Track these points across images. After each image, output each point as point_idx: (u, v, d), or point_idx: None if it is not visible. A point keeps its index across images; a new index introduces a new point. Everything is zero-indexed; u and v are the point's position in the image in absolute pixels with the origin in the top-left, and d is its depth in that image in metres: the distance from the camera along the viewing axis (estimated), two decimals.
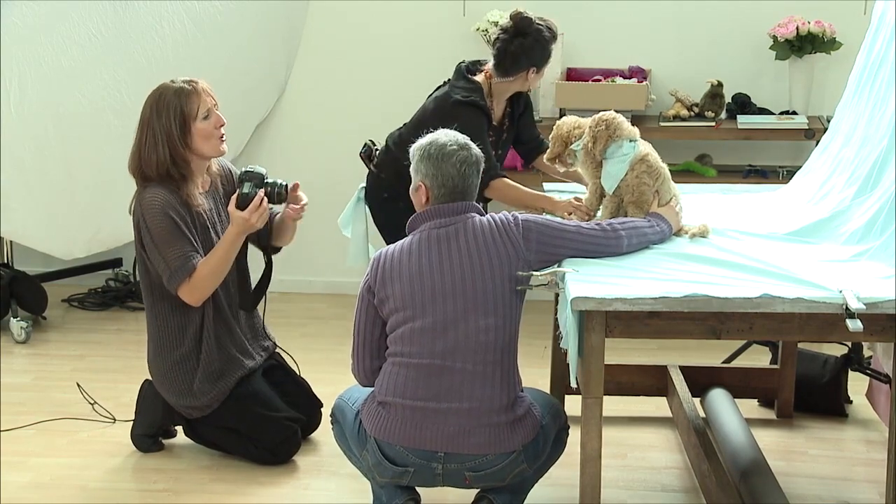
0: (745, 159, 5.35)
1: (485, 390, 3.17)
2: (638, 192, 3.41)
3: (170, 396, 3.88)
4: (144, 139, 3.73)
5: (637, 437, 4.10)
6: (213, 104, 3.78)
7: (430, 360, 3.18)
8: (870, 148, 3.51)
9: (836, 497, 3.69)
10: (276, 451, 3.88)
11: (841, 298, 2.90)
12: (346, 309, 5.51)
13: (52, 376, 4.71)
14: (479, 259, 3.18)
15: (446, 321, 3.17)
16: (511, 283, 3.18)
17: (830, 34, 5.15)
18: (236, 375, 3.86)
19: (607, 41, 5.42)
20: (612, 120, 3.45)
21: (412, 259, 3.21)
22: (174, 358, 3.84)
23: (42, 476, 3.84)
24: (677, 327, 3.01)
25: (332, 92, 5.65)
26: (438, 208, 3.25)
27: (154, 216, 3.69)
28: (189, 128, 3.72)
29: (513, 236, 3.20)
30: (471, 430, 3.15)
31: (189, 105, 3.71)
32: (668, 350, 4.76)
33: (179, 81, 3.76)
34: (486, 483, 3.25)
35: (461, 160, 3.26)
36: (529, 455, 3.25)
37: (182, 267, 3.69)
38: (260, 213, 3.70)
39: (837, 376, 4.25)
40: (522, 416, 3.22)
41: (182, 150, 3.72)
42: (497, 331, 3.18)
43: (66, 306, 5.55)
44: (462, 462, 3.18)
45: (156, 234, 3.69)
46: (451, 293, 3.17)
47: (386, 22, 5.52)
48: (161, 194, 3.72)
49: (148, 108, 3.75)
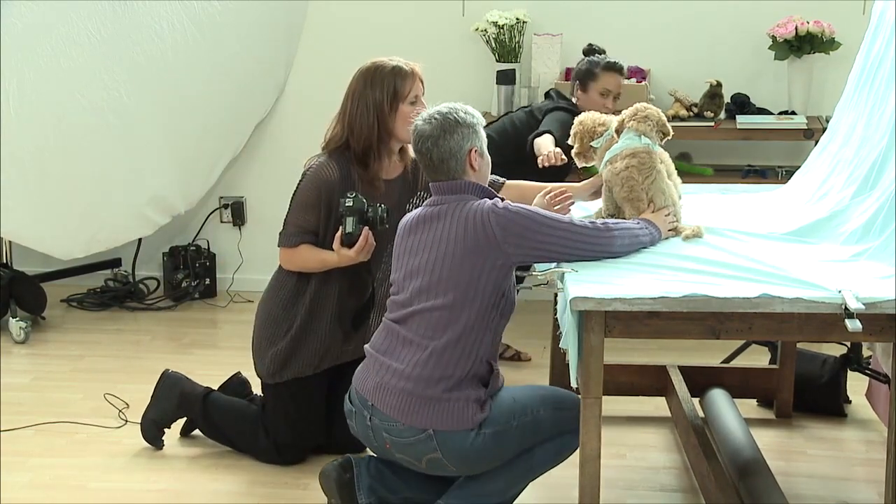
0: (744, 159, 5.35)
1: (416, 357, 3.17)
2: (627, 186, 3.41)
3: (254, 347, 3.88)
4: (356, 108, 3.74)
5: (636, 436, 4.10)
6: (422, 91, 3.78)
7: (392, 323, 3.27)
8: (869, 148, 3.51)
9: (836, 497, 3.69)
10: (281, 451, 3.88)
11: (840, 298, 2.90)
12: None
13: (51, 376, 4.71)
14: (454, 245, 3.15)
15: (410, 297, 3.22)
16: (484, 273, 3.14)
17: (829, 34, 5.15)
18: (303, 370, 3.83)
19: (607, 41, 5.40)
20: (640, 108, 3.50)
21: (405, 237, 3.29)
22: (278, 318, 3.84)
23: (41, 476, 3.84)
24: (676, 327, 3.01)
25: (331, 92, 5.60)
26: (434, 186, 3.28)
27: (309, 181, 3.76)
28: (396, 107, 3.73)
29: (488, 228, 3.13)
30: (390, 388, 3.18)
31: (402, 85, 3.73)
32: (668, 350, 4.76)
33: (396, 60, 3.77)
34: (403, 456, 3.20)
35: (417, 133, 3.25)
36: (449, 450, 3.15)
37: (292, 236, 3.79)
38: (367, 249, 3.71)
39: (836, 376, 4.25)
40: (444, 399, 3.14)
41: (388, 125, 3.73)
42: (449, 312, 3.14)
43: (65, 306, 5.56)
44: (382, 420, 3.19)
45: (298, 196, 3.79)
46: (420, 271, 3.20)
47: (385, 22, 5.52)
48: (331, 170, 3.74)
49: (361, 80, 3.77)
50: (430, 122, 3.23)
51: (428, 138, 3.22)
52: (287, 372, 3.84)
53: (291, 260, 3.82)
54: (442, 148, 3.22)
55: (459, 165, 3.24)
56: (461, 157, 3.23)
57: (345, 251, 3.70)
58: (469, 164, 3.24)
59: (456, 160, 3.23)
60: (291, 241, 3.80)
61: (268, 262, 4.47)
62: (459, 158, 3.23)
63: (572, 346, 3.02)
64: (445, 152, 3.22)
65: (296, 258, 3.81)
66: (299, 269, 3.82)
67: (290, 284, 3.85)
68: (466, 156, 3.24)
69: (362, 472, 3.33)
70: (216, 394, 4.02)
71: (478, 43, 5.29)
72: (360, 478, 3.32)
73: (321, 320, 3.83)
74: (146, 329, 5.32)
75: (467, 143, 3.23)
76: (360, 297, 3.92)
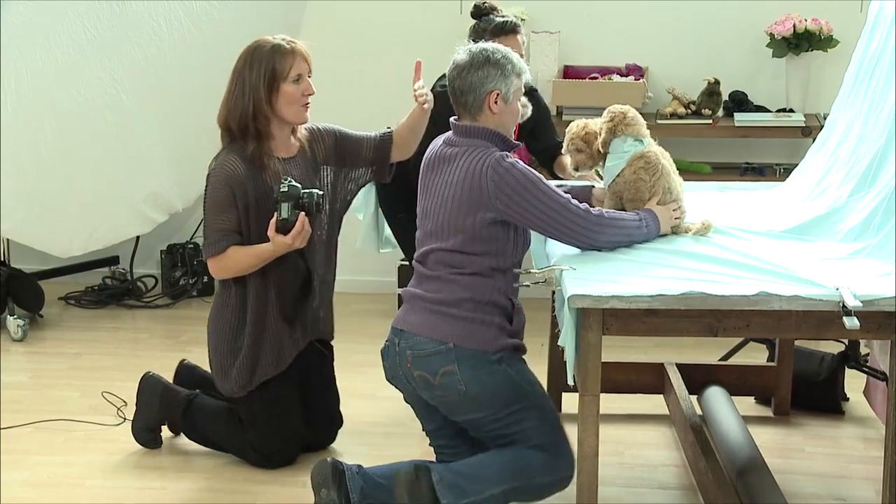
0: (742, 157, 5.35)
1: (437, 286, 3.28)
2: (634, 188, 3.40)
3: (213, 368, 3.86)
4: (233, 89, 3.70)
5: (634, 434, 4.10)
6: (308, 70, 3.73)
7: (416, 263, 3.38)
8: (867, 145, 3.51)
9: (833, 494, 3.69)
10: (270, 458, 3.87)
11: (838, 296, 2.90)
12: (343, 307, 5.51)
13: (49, 374, 4.71)
14: (456, 191, 3.23)
15: (425, 236, 3.34)
16: (484, 225, 3.20)
17: (827, 32, 5.15)
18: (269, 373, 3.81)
19: (604, 39, 5.43)
20: (618, 113, 3.44)
21: (425, 172, 3.36)
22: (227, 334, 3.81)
23: (39, 474, 3.84)
24: (674, 325, 3.01)
25: (328, 90, 5.61)
26: (454, 124, 3.32)
27: (216, 182, 3.71)
28: (277, 87, 3.68)
29: (483, 181, 3.18)
30: (416, 310, 3.29)
31: (282, 64, 3.67)
32: (665, 348, 4.76)
33: (279, 38, 3.72)
34: (421, 369, 3.24)
35: (452, 61, 3.29)
36: (466, 366, 3.20)
37: (216, 242, 3.71)
38: (304, 236, 3.66)
39: (834, 374, 4.25)
40: (468, 319, 3.22)
41: (265, 108, 3.68)
42: (460, 255, 3.24)
43: (62, 304, 5.55)
44: (407, 340, 3.28)
45: (209, 200, 3.73)
46: (431, 213, 3.31)
47: (382, 19, 5.52)
48: (232, 163, 3.69)
49: (241, 60, 3.71)
50: (467, 52, 3.28)
51: (456, 68, 3.27)
52: (255, 379, 3.81)
53: (223, 267, 3.72)
54: (465, 80, 3.25)
55: (477, 103, 3.25)
56: (481, 94, 3.24)
57: (280, 238, 3.63)
58: (488, 105, 3.25)
59: (475, 96, 3.24)
60: (218, 248, 3.70)
61: None
62: (479, 95, 3.24)
63: (570, 343, 3.02)
64: (467, 85, 3.25)
65: (227, 263, 3.71)
66: (234, 273, 3.73)
67: (232, 302, 3.79)
68: (486, 95, 3.24)
69: (354, 475, 3.32)
70: (199, 399, 3.96)
71: None
72: (352, 479, 3.30)
73: (269, 320, 3.79)
74: (144, 327, 5.32)
75: (491, 83, 3.24)
76: (298, 287, 3.86)
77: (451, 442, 3.42)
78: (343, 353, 5.01)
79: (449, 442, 3.42)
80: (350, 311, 5.47)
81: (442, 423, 3.40)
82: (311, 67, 3.75)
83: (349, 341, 5.08)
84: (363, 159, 3.94)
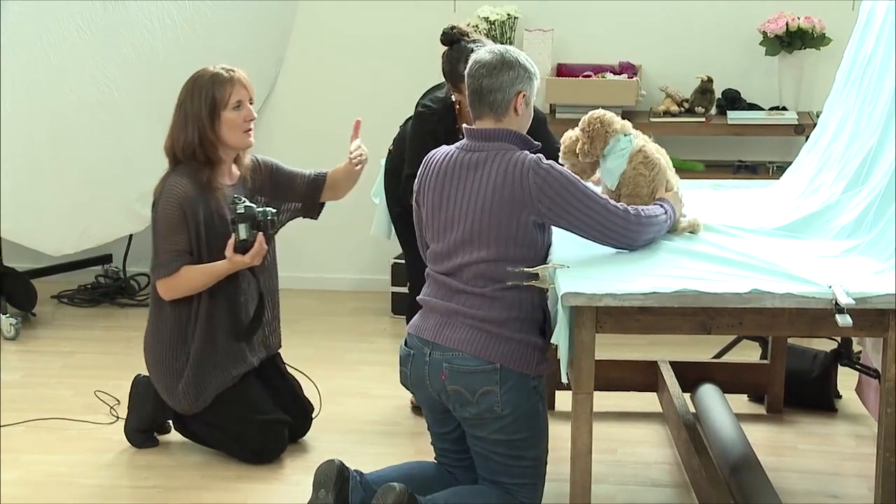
0: (735, 155, 5.36)
1: (477, 301, 3.21)
2: (633, 183, 3.40)
3: (158, 388, 3.89)
4: (178, 119, 3.79)
5: (627, 432, 4.11)
6: (248, 97, 3.81)
7: (440, 275, 3.28)
8: (859, 143, 3.51)
9: (826, 492, 3.70)
10: (259, 453, 3.87)
11: (830, 294, 2.90)
12: (336, 305, 5.54)
13: (42, 373, 4.70)
14: (492, 194, 3.16)
15: (451, 248, 3.24)
16: (521, 227, 3.16)
17: (820, 30, 5.15)
18: (221, 386, 3.84)
19: (597, 37, 5.43)
20: (603, 116, 3.44)
21: (438, 181, 3.26)
22: (168, 353, 3.85)
23: (32, 473, 3.83)
24: (667, 323, 3.01)
25: (321, 88, 5.65)
26: (471, 130, 3.26)
27: (166, 203, 3.75)
28: (218, 114, 3.76)
29: (525, 181, 3.13)
30: (456, 325, 3.21)
31: (221, 92, 3.77)
32: (659, 346, 4.76)
33: (219, 67, 3.82)
34: (457, 384, 3.19)
35: (475, 60, 3.25)
36: (507, 388, 3.16)
37: (168, 263, 3.75)
38: (261, 254, 3.75)
39: (827, 371, 4.26)
40: (515, 340, 3.18)
41: (210, 136, 3.76)
42: (495, 265, 3.18)
43: (55, 303, 5.54)
44: (444, 353, 3.21)
45: (160, 221, 3.77)
46: (458, 222, 3.21)
47: (375, 18, 5.51)
48: (183, 185, 3.75)
49: (184, 90, 3.81)
50: (491, 52, 3.26)
51: (484, 66, 3.23)
52: (205, 396, 3.83)
53: (174, 286, 3.78)
54: (494, 78, 3.22)
55: (505, 102, 3.23)
56: (509, 94, 3.22)
57: (238, 257, 3.72)
58: (514, 106, 3.23)
59: (504, 95, 3.22)
60: (171, 268, 3.76)
61: None
62: (507, 95, 3.22)
63: (564, 341, 3.02)
64: (496, 84, 3.21)
65: (179, 283, 3.77)
66: (184, 293, 3.79)
67: (170, 321, 3.83)
68: (514, 96, 3.23)
69: (357, 485, 3.30)
70: None
71: None
72: (354, 489, 3.28)
73: (219, 338, 3.83)
74: (137, 325, 5.28)
75: (519, 83, 3.23)
76: (251, 304, 3.90)
77: (456, 447, 3.40)
78: (337, 351, 5.02)
79: (453, 447, 3.40)
80: (342, 309, 5.47)
81: (452, 429, 3.38)
82: (251, 94, 3.85)
83: (342, 339, 5.09)
84: (295, 193, 4.05)
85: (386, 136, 4.49)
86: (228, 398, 3.85)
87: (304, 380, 4.16)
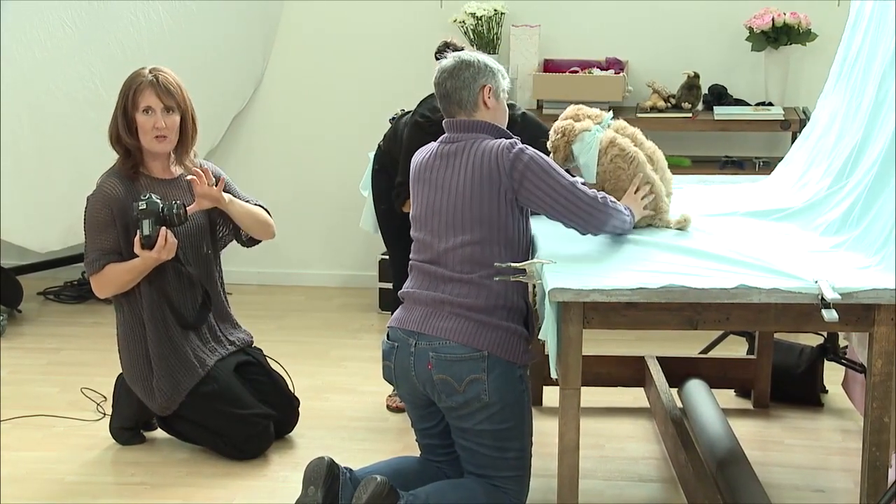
0: (722, 150, 5.37)
1: (463, 290, 3.24)
2: (614, 177, 3.42)
3: (136, 392, 3.90)
4: (113, 113, 3.87)
5: (615, 427, 4.11)
6: (161, 106, 3.81)
7: (426, 265, 3.33)
8: (847, 139, 3.52)
9: (812, 486, 3.71)
10: (243, 448, 3.86)
11: (816, 289, 2.91)
12: (324, 301, 5.53)
13: (28, 370, 4.69)
14: (471, 180, 3.23)
15: (434, 235, 3.30)
16: (502, 207, 3.22)
17: (806, 25, 5.16)
18: (192, 379, 3.84)
19: (584, 33, 5.43)
20: (566, 127, 3.50)
21: (424, 174, 3.35)
22: (133, 353, 3.87)
23: (18, 470, 3.82)
24: (654, 318, 3.02)
25: (308, 84, 5.64)
26: (449, 122, 3.36)
27: (94, 202, 3.81)
28: (132, 115, 3.83)
29: (500, 159, 3.21)
30: (443, 315, 3.25)
31: (134, 96, 3.82)
32: (646, 341, 4.77)
33: (149, 69, 3.87)
34: (444, 373, 3.21)
35: (438, 69, 3.36)
36: (495, 376, 3.19)
37: (95, 261, 3.81)
38: (168, 248, 3.75)
39: (813, 366, 4.27)
40: (502, 328, 3.22)
41: (123, 133, 3.83)
42: (480, 247, 3.23)
43: (41, 299, 5.53)
44: (430, 342, 3.24)
45: (88, 220, 3.83)
46: (441, 209, 3.28)
47: (363, 13, 5.50)
48: (112, 185, 3.81)
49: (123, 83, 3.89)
50: (452, 59, 3.37)
51: (445, 70, 3.35)
52: (181, 391, 3.84)
53: (103, 285, 3.83)
54: (456, 79, 3.33)
55: (472, 98, 3.33)
56: (474, 89, 3.32)
57: (147, 253, 3.73)
58: (482, 99, 3.33)
59: (469, 91, 3.32)
60: (96, 266, 3.81)
61: (249, 255, 4.46)
62: (472, 90, 3.32)
63: (551, 336, 3.03)
64: (459, 83, 3.33)
65: (105, 281, 3.81)
66: (115, 289, 3.83)
67: (124, 323, 3.87)
68: (480, 90, 3.32)
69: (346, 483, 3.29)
70: None
71: (456, 34, 5.27)
72: (344, 486, 3.28)
73: (172, 331, 3.84)
74: None
75: (482, 77, 3.34)
76: (190, 294, 3.91)
77: (441, 441, 3.40)
78: (323, 347, 5.01)
79: (439, 441, 3.41)
80: (330, 305, 5.47)
81: (436, 423, 3.39)
82: (171, 102, 3.83)
83: (329, 336, 5.08)
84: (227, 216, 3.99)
85: (373, 133, 4.50)
86: (208, 395, 3.84)
87: (282, 373, 4.15)
